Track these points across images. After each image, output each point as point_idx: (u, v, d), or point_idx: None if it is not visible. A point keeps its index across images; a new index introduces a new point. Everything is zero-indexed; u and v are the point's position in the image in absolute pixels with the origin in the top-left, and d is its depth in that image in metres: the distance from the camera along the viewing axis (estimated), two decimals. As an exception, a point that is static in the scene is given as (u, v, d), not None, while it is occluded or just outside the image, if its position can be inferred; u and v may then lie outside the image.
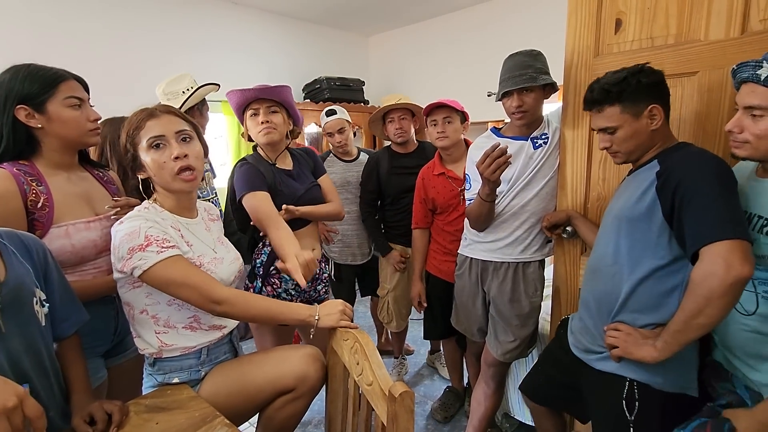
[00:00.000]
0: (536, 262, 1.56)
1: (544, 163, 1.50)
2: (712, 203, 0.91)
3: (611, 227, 1.14)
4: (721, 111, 1.18)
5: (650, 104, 1.06)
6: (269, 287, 1.50)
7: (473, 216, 1.54)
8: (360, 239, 2.27)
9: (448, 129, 1.78)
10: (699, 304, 0.90)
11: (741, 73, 0.95)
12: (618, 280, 1.10)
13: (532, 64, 1.41)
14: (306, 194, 1.54)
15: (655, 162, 1.07)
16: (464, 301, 1.69)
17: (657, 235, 1.03)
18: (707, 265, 0.89)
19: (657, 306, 1.05)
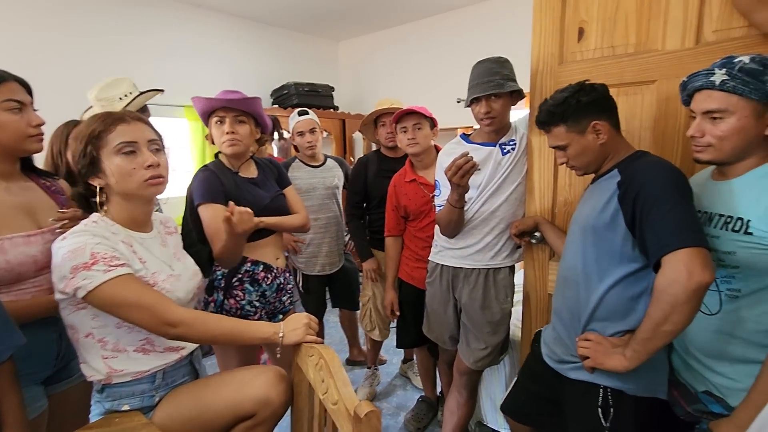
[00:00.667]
0: (506, 268, 1.57)
1: (513, 169, 1.51)
2: (670, 212, 0.93)
3: (578, 237, 1.16)
4: (678, 118, 1.22)
5: (592, 121, 1.09)
6: (232, 300, 1.44)
7: (443, 222, 1.54)
8: (329, 247, 2.25)
9: (419, 135, 1.78)
10: (664, 311, 0.91)
11: (694, 83, 0.99)
12: (587, 289, 1.12)
13: (500, 71, 1.43)
14: (272, 203, 1.51)
15: (615, 171, 1.09)
16: (435, 309, 1.68)
17: (621, 244, 1.04)
18: (670, 272, 0.90)
19: (626, 313, 1.06)
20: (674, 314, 0.90)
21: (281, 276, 1.55)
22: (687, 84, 1.01)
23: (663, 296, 0.91)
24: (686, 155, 1.22)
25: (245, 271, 1.44)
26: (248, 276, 1.45)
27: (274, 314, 1.56)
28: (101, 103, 1.62)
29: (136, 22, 2.98)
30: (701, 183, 1.07)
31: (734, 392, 0.97)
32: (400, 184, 1.88)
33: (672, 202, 0.94)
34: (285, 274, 1.59)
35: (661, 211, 0.94)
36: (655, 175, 0.99)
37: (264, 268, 1.47)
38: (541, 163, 1.49)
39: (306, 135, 2.16)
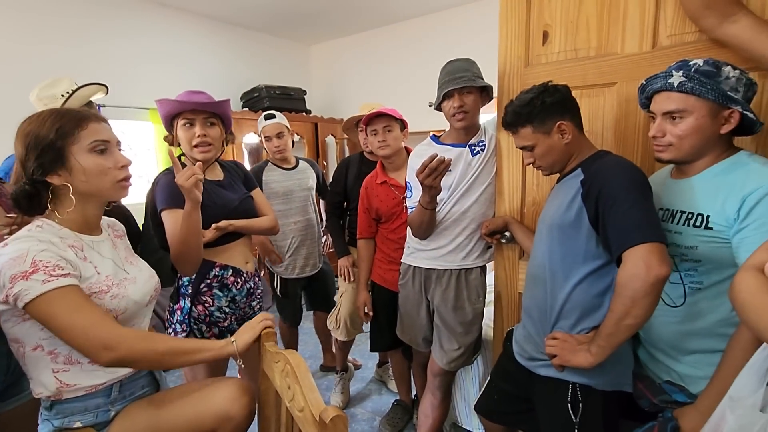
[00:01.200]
0: (478, 268, 1.59)
1: (482, 170, 1.53)
2: (629, 209, 0.95)
3: (545, 236, 1.18)
4: (638, 120, 1.26)
5: (557, 121, 1.11)
6: (200, 306, 1.40)
7: (415, 224, 1.54)
8: (308, 249, 2.24)
9: (389, 137, 1.79)
10: (626, 305, 0.93)
11: (653, 85, 1.02)
12: (555, 287, 1.14)
13: (469, 69, 1.47)
14: (240, 206, 1.49)
15: (579, 171, 1.12)
16: (409, 311, 1.68)
17: (586, 242, 1.07)
18: (630, 267, 0.93)
19: (592, 309, 1.09)
20: (635, 308, 0.92)
21: (251, 280, 1.52)
22: (646, 86, 1.05)
23: (624, 290, 0.94)
24: (646, 154, 1.26)
25: (214, 276, 1.41)
26: (217, 281, 1.42)
27: (243, 320, 1.53)
28: (43, 101, 1.57)
29: (98, 23, 2.88)
30: (661, 181, 1.11)
31: (696, 380, 1.00)
32: (371, 186, 1.88)
33: (632, 199, 0.97)
34: (255, 278, 1.56)
35: (621, 208, 0.97)
36: (616, 174, 1.02)
37: (233, 273, 1.45)
38: (510, 163, 1.51)
39: (273, 140, 2.14)
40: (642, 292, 0.91)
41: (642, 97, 1.08)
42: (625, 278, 0.93)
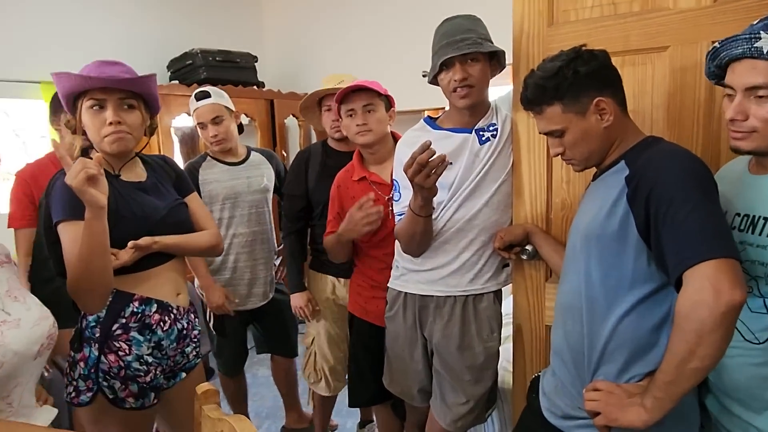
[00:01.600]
0: (490, 294, 1.58)
1: (495, 163, 1.53)
2: (690, 214, 0.95)
3: (580, 250, 1.17)
4: (697, 96, 1.27)
5: (595, 97, 1.11)
6: (112, 356, 1.37)
7: (405, 236, 1.53)
8: (254, 272, 2.23)
9: (371, 120, 1.77)
10: (689, 343, 0.92)
11: (731, 50, 1.01)
12: (594, 320, 1.13)
13: (474, 28, 1.45)
14: (170, 216, 1.47)
15: (622, 164, 1.12)
16: (399, 353, 1.67)
17: (634, 258, 1.06)
18: (693, 292, 0.92)
19: (644, 349, 1.08)
20: (701, 346, 0.92)
21: (184, 318, 1.51)
22: (719, 51, 1.04)
23: (686, 323, 0.93)
24: (708, 141, 1.27)
25: (132, 314, 1.39)
26: (136, 320, 1.40)
27: (173, 372, 1.51)
28: None
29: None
30: (735, 178, 1.11)
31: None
32: (345, 184, 1.86)
33: (694, 201, 0.96)
34: (189, 314, 1.55)
35: (680, 213, 0.96)
36: (671, 168, 1.01)
37: (159, 308, 1.44)
38: (531, 153, 1.51)
39: (208, 127, 2.12)
40: (710, 324, 0.90)
41: (712, 65, 1.07)
42: (687, 307, 0.93)
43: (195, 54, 3.40)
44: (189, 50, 3.45)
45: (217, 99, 2.13)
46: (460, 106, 1.51)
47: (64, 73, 1.34)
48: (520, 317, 1.58)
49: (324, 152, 2.15)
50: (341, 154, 2.11)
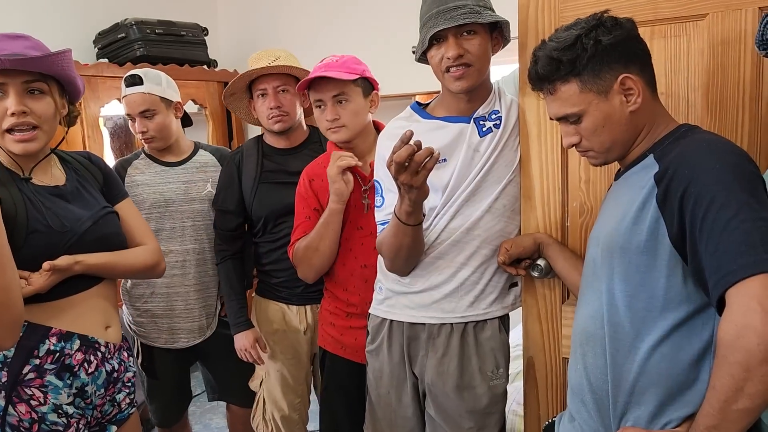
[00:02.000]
0: (495, 320, 1.59)
1: (498, 159, 1.54)
2: (733, 220, 0.97)
3: (600, 266, 1.18)
4: (741, 74, 1.29)
5: (620, 74, 1.13)
6: (22, 406, 1.36)
7: (390, 250, 1.53)
8: (189, 300, 2.21)
9: (344, 113, 1.78)
10: (735, 378, 0.93)
11: None
12: (620, 352, 1.14)
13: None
14: (96, 228, 1.48)
15: (650, 159, 1.13)
16: (383, 396, 1.67)
17: (667, 274, 1.08)
18: (738, 315, 0.93)
19: (683, 387, 1.09)
20: (750, 381, 0.92)
21: (115, 357, 1.51)
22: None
23: (730, 354, 0.94)
24: (755, 131, 1.29)
25: (48, 353, 1.38)
26: (53, 361, 1.39)
27: (101, 426, 1.51)
28: None
29: None
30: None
31: None
32: (319, 176, 1.86)
33: (738, 203, 0.98)
34: (121, 352, 1.55)
35: (720, 219, 0.98)
36: (709, 162, 1.03)
37: (83, 345, 1.44)
38: (543, 147, 1.52)
39: (137, 121, 2.12)
40: (760, 354, 0.91)
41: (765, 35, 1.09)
42: (732, 333, 0.94)
43: (129, 26, 3.38)
44: (121, 21, 3.42)
45: (150, 87, 2.11)
46: (456, 90, 1.52)
47: None
48: (532, 349, 1.59)
49: (260, 152, 2.14)
50: (281, 153, 2.12)
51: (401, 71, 3.39)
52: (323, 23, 3.96)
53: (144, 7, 3.70)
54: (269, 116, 2.05)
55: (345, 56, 1.82)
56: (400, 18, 3.62)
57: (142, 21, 3.41)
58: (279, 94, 2.04)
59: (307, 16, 4.02)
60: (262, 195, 2.06)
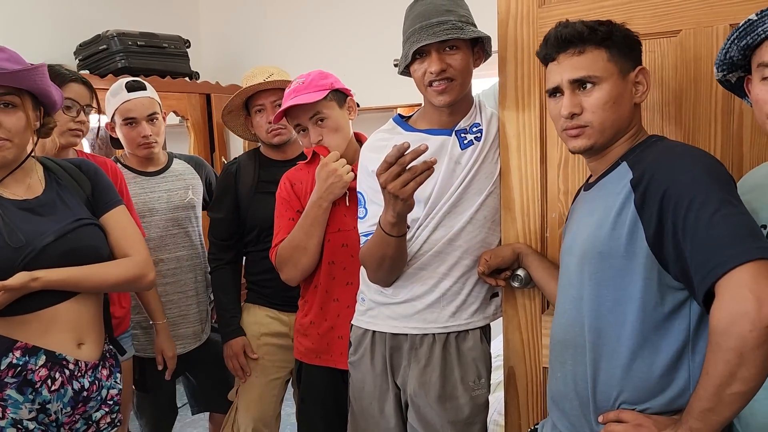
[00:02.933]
0: (477, 330, 1.60)
1: (479, 171, 1.56)
2: (715, 216, 0.99)
3: (576, 272, 1.20)
4: (713, 88, 1.32)
5: (640, 66, 1.18)
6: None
7: (373, 261, 1.54)
8: (182, 306, 2.22)
9: (326, 132, 1.80)
10: (729, 363, 0.94)
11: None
12: (602, 357, 1.16)
13: (453, 8, 1.48)
14: (61, 242, 1.43)
15: (624, 166, 1.16)
16: (366, 407, 1.67)
17: (644, 276, 1.10)
18: (730, 303, 0.95)
19: (662, 386, 1.11)
20: (744, 366, 0.94)
21: (87, 375, 1.46)
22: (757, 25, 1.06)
23: (724, 341, 0.95)
24: (728, 143, 1.32)
25: (10, 366, 1.36)
26: (14, 374, 1.37)
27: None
28: None
29: None
30: (761, 185, 1.16)
31: None
32: (301, 180, 1.88)
33: (716, 201, 1.00)
34: (98, 370, 1.50)
35: (702, 216, 1.00)
36: (685, 166, 1.06)
37: (48, 361, 1.40)
38: (523, 159, 1.54)
39: (142, 124, 2.12)
40: (753, 339, 0.93)
41: (736, 48, 1.10)
42: (725, 321, 0.95)
43: (110, 37, 3.36)
44: (103, 32, 3.40)
45: (152, 93, 2.16)
46: (438, 104, 1.53)
47: None
48: (512, 359, 1.59)
49: (257, 163, 2.17)
50: (277, 165, 2.14)
51: (383, 84, 3.41)
52: (305, 36, 3.98)
53: (126, 19, 3.69)
54: (268, 130, 2.10)
55: (311, 74, 1.83)
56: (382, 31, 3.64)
57: (123, 33, 3.40)
58: (276, 108, 2.06)
59: (289, 29, 4.04)
60: (258, 205, 2.07)
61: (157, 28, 3.66)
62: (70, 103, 1.80)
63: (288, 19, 4.04)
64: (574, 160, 1.48)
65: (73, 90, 1.84)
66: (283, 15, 4.06)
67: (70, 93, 1.81)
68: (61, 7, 3.54)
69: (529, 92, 1.52)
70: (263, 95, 2.11)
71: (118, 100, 2.13)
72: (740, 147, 1.33)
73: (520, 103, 1.53)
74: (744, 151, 1.33)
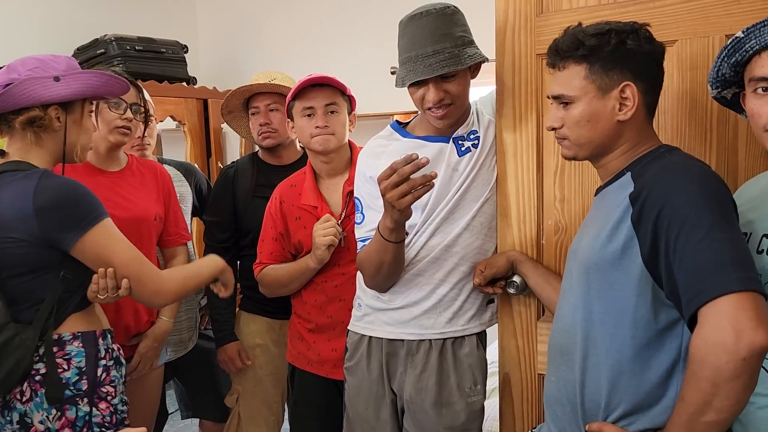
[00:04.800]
0: (473, 336, 1.60)
1: (476, 177, 1.56)
2: (704, 240, 0.99)
3: (576, 280, 1.19)
4: (709, 98, 1.30)
5: (624, 81, 1.15)
6: (102, 404, 1.47)
7: (370, 266, 1.54)
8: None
9: (334, 122, 1.81)
10: (704, 392, 0.95)
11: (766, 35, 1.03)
12: (592, 367, 1.16)
13: (450, 32, 1.45)
14: None
15: (627, 177, 1.15)
16: (362, 412, 1.67)
17: (637, 292, 1.09)
18: (709, 333, 0.95)
19: (651, 402, 1.10)
20: (718, 396, 0.94)
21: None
22: (744, 41, 1.07)
23: (700, 370, 0.96)
24: (723, 153, 1.32)
25: (107, 350, 1.51)
26: (110, 357, 1.52)
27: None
28: None
29: None
30: (757, 196, 1.16)
31: None
32: (289, 201, 1.88)
33: (708, 225, 1.00)
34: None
35: (692, 239, 1.00)
36: (682, 186, 1.05)
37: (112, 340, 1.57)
38: (520, 166, 1.54)
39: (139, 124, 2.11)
40: (728, 371, 0.93)
41: (727, 65, 1.11)
42: (703, 350, 0.96)
43: (108, 42, 3.36)
44: (101, 37, 3.40)
45: (147, 96, 2.15)
46: (438, 126, 1.54)
47: None
48: (507, 365, 1.59)
49: (255, 167, 2.18)
50: (275, 170, 2.15)
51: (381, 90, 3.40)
52: (302, 42, 3.98)
53: (124, 24, 3.69)
54: (259, 132, 2.12)
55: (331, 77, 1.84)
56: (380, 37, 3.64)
57: (121, 37, 3.39)
58: (269, 112, 2.10)
59: (287, 35, 4.03)
60: (253, 209, 2.07)
61: (155, 33, 3.66)
62: (117, 101, 1.82)
63: (286, 25, 4.04)
64: (570, 167, 1.49)
65: None
66: (281, 21, 4.06)
67: None
68: (59, 11, 3.54)
69: (526, 100, 1.52)
70: (259, 98, 2.11)
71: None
72: (735, 157, 1.33)
73: (517, 111, 1.54)
74: (739, 161, 1.33)
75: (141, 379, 1.93)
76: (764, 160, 1.30)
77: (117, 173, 1.91)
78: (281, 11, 4.06)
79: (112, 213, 1.48)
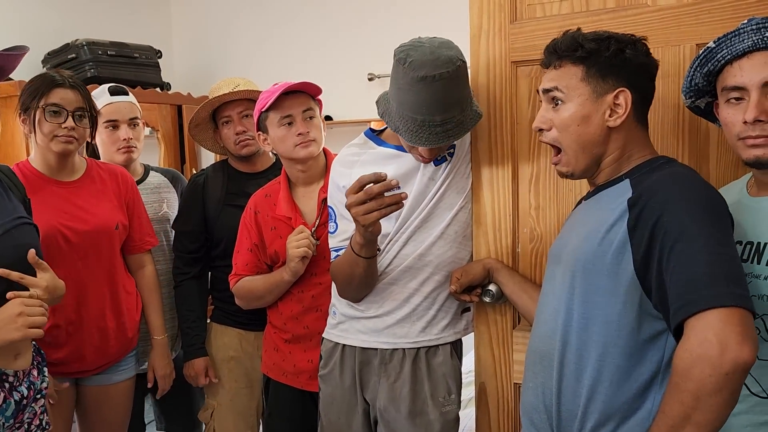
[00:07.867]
0: (447, 345, 1.59)
1: (450, 185, 1.56)
2: (699, 252, 0.99)
3: (560, 283, 1.19)
4: (681, 106, 1.33)
5: (619, 88, 1.15)
6: None
7: (342, 278, 1.54)
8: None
9: (313, 128, 1.81)
10: (685, 405, 0.95)
11: (735, 45, 1.07)
12: (570, 374, 1.15)
13: (459, 96, 1.41)
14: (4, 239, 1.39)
15: (626, 183, 1.15)
16: (335, 421, 1.66)
17: (624, 300, 1.09)
18: (694, 345, 0.95)
19: (628, 413, 1.10)
20: (699, 410, 0.94)
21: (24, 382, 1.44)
22: (716, 51, 1.09)
23: (683, 382, 0.95)
24: (695, 162, 1.33)
25: None
26: None
27: None
28: None
29: None
30: (731, 203, 1.16)
31: None
32: (264, 211, 1.87)
33: (705, 236, 1.00)
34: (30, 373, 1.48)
35: (686, 250, 1.00)
36: (681, 196, 1.05)
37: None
38: (495, 174, 1.54)
39: (122, 128, 2.13)
40: (711, 385, 0.93)
41: (699, 74, 1.13)
42: (687, 361, 0.95)
43: (80, 46, 3.33)
44: (72, 41, 3.36)
45: (134, 100, 2.19)
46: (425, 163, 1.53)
47: None
48: (483, 375, 1.58)
49: (225, 175, 2.15)
50: (246, 177, 2.13)
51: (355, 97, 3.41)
52: (277, 47, 3.97)
53: (96, 28, 3.65)
54: (236, 141, 2.09)
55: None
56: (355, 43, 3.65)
57: (93, 42, 3.36)
58: (243, 119, 2.08)
59: (262, 41, 4.03)
60: (225, 217, 2.06)
61: (128, 38, 3.63)
62: (56, 109, 1.76)
63: (262, 31, 4.04)
64: (545, 175, 1.49)
65: (59, 95, 1.78)
66: (256, 27, 4.05)
67: (56, 98, 1.76)
68: (30, 15, 3.49)
69: (501, 109, 1.52)
70: (230, 106, 2.09)
71: (100, 103, 2.11)
72: (707, 165, 1.34)
73: (492, 119, 1.53)
74: (710, 169, 1.34)
75: (107, 389, 1.88)
76: (735, 168, 1.31)
77: (74, 183, 1.87)
78: (257, 17, 4.05)
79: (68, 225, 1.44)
